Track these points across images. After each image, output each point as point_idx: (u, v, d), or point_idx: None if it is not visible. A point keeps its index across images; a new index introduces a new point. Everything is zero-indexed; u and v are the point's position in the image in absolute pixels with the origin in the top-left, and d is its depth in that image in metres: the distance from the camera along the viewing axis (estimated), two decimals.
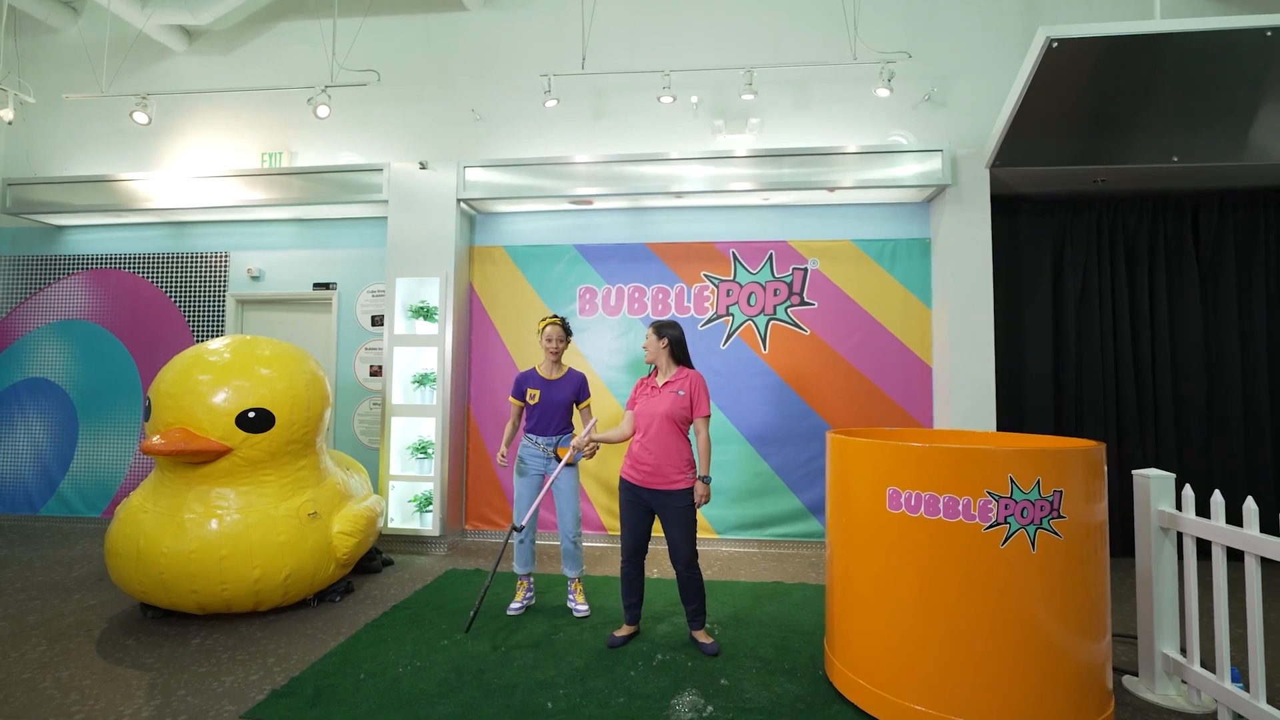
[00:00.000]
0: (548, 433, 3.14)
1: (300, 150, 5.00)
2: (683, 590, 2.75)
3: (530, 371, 3.23)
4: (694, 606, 2.75)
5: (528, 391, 3.16)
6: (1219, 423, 4.26)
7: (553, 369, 3.21)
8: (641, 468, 2.70)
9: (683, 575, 2.71)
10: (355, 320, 4.95)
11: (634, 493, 2.73)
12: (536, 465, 3.14)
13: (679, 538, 2.67)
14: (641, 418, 2.74)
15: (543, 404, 3.13)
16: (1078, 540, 1.97)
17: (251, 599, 2.93)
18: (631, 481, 2.72)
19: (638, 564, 2.79)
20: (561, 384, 3.19)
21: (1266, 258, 4.29)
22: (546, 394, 3.15)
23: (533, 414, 3.14)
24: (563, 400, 3.16)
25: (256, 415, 2.96)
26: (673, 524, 2.68)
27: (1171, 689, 2.33)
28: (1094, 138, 3.90)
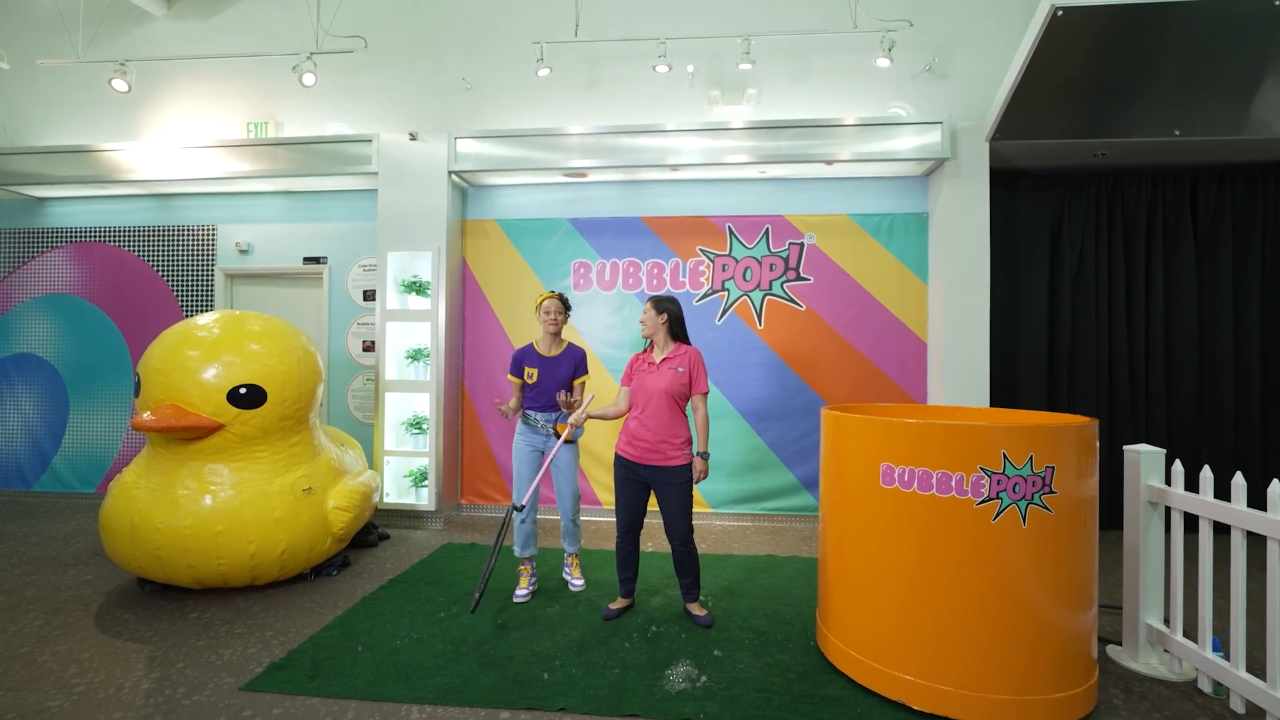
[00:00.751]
0: (547, 410, 3.10)
1: (286, 120, 4.88)
2: (678, 564, 2.77)
3: (528, 349, 3.14)
4: (688, 580, 2.78)
5: (525, 370, 3.08)
6: (1208, 399, 4.29)
7: (552, 345, 3.12)
8: (639, 444, 2.70)
9: (679, 550, 2.74)
10: (347, 295, 4.89)
11: (630, 469, 2.73)
12: (535, 442, 3.10)
13: (676, 513, 2.69)
14: (639, 394, 2.73)
15: (541, 382, 3.07)
16: (1068, 515, 1.99)
17: (248, 573, 2.94)
18: (628, 458, 2.73)
19: (633, 540, 2.82)
20: (560, 361, 3.12)
21: (1263, 233, 4.28)
22: (545, 372, 3.09)
23: (531, 392, 3.08)
24: (562, 378, 3.10)
25: (248, 391, 2.94)
26: (670, 500, 2.69)
27: (1154, 658, 2.39)
28: (1095, 110, 3.84)
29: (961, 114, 4.25)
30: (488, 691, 2.19)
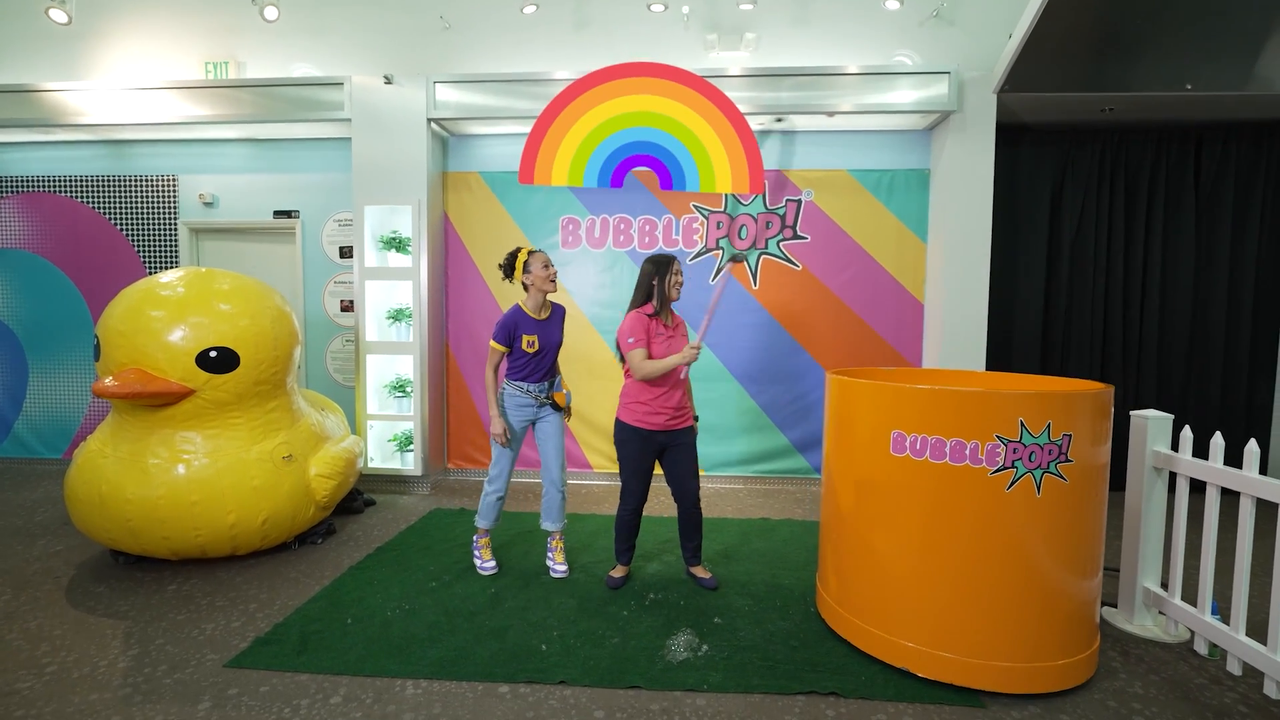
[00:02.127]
0: (542, 379, 2.83)
1: (249, 60, 4.51)
2: (689, 527, 2.74)
3: (517, 313, 2.76)
4: (696, 542, 2.77)
5: (524, 339, 2.73)
6: (1199, 360, 4.31)
7: (543, 307, 2.83)
8: (666, 413, 2.62)
9: (691, 511, 2.72)
10: (322, 251, 4.64)
11: (649, 440, 2.63)
12: (528, 415, 2.86)
13: (690, 474, 2.68)
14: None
15: (540, 351, 2.77)
16: (1081, 483, 1.95)
17: (228, 543, 2.83)
18: (651, 429, 2.61)
19: (641, 510, 2.75)
20: (553, 324, 2.85)
21: (1264, 193, 4.22)
22: (545, 339, 2.79)
23: (527, 363, 2.77)
24: (558, 342, 2.85)
25: (219, 354, 2.75)
26: (683, 461, 2.67)
27: (1149, 620, 2.41)
28: (1108, 62, 3.69)
29: (969, 64, 4.05)
30: (485, 665, 2.13)
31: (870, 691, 1.99)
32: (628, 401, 2.66)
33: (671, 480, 2.69)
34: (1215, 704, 1.95)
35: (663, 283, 2.63)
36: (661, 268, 2.65)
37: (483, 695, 1.98)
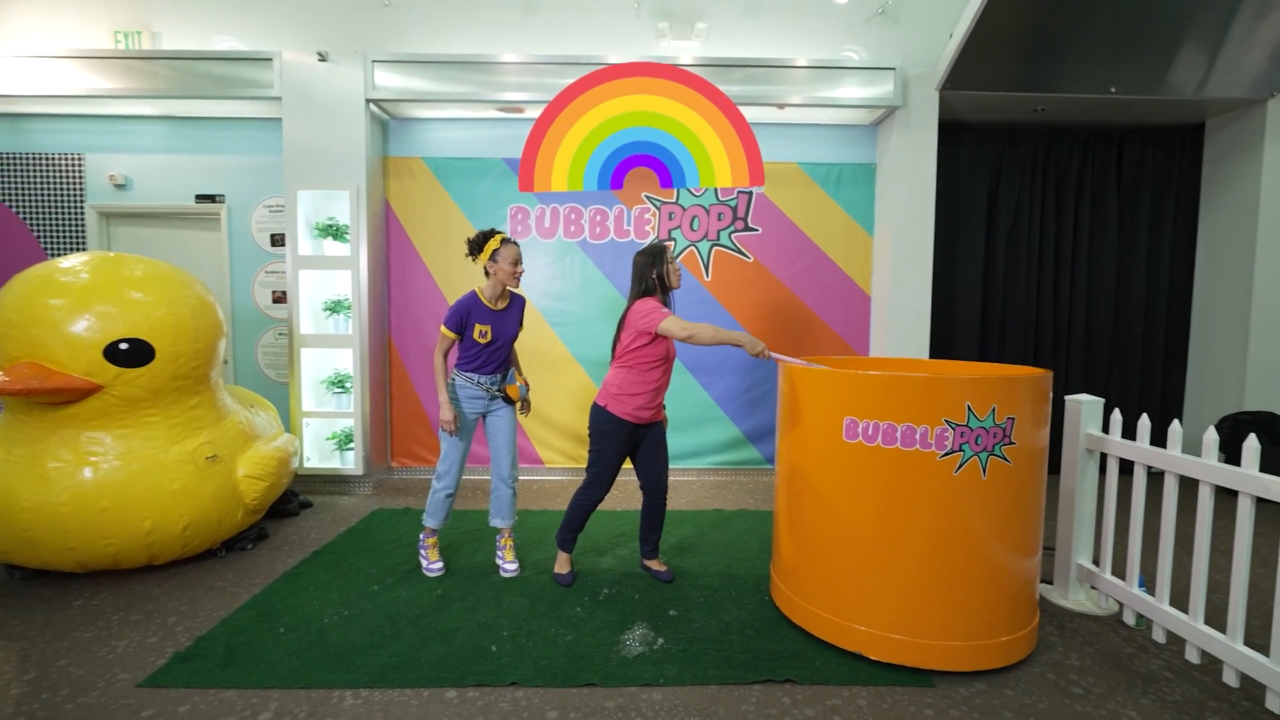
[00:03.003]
0: (494, 370, 2.70)
1: (164, 31, 4.16)
2: (655, 520, 2.70)
3: (472, 300, 2.62)
4: (658, 535, 2.75)
5: (477, 328, 2.60)
6: (1120, 349, 4.58)
7: (500, 297, 2.68)
8: (657, 407, 2.58)
9: (660, 503, 2.68)
10: (251, 239, 4.35)
11: (634, 434, 2.56)
12: (478, 409, 2.73)
13: (664, 464, 2.66)
14: (669, 361, 2.56)
15: (495, 340, 2.65)
16: (1024, 465, 2.01)
17: (145, 553, 2.60)
18: (639, 423, 2.54)
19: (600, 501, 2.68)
20: (510, 314, 2.71)
21: (1177, 195, 4.51)
22: (499, 328, 2.65)
23: (478, 353, 2.64)
24: (513, 334, 2.72)
25: (131, 346, 2.52)
26: (661, 450, 2.64)
27: (1082, 595, 2.52)
28: (1042, 63, 3.85)
29: (913, 61, 4.15)
30: (431, 669, 2.03)
31: (825, 677, 2.00)
32: (620, 393, 2.49)
33: (644, 471, 2.63)
34: (1143, 671, 2.05)
35: (663, 271, 2.50)
36: (657, 257, 2.50)
37: (428, 701, 1.87)
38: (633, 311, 2.47)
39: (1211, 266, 4.40)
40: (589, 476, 2.61)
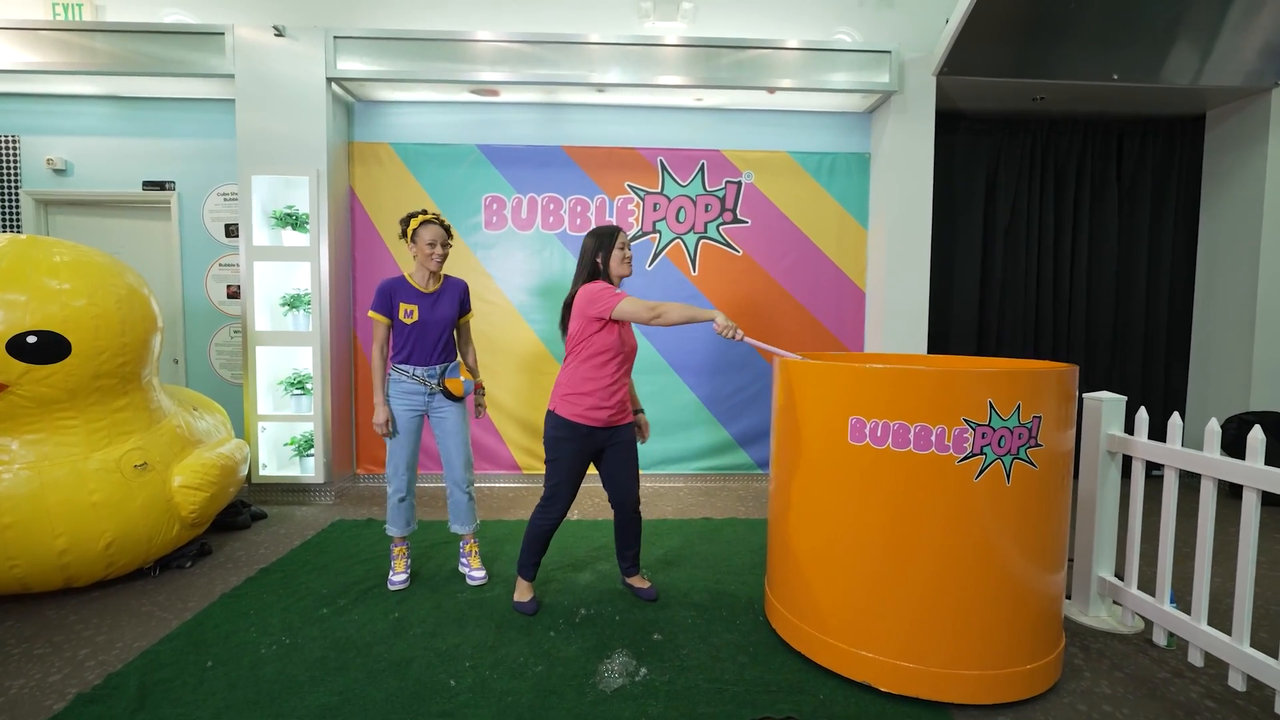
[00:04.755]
0: (429, 361, 2.48)
1: (108, 4, 3.85)
2: (629, 535, 2.44)
3: (398, 279, 2.46)
4: (636, 550, 2.48)
5: (401, 307, 2.42)
6: (1121, 344, 4.42)
7: (430, 280, 2.50)
8: (614, 407, 2.25)
9: (632, 517, 2.41)
10: (204, 229, 4.04)
11: (590, 439, 2.25)
12: (417, 405, 2.50)
13: (632, 474, 2.36)
14: (620, 351, 2.23)
15: (421, 324, 2.43)
16: (1050, 470, 1.79)
17: (59, 575, 2.29)
18: (594, 425, 2.23)
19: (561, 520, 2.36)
20: (443, 298, 2.50)
21: (1177, 186, 4.37)
22: (427, 312, 2.45)
23: (406, 340, 2.44)
24: (447, 317, 2.49)
25: (40, 340, 2.22)
26: (627, 459, 2.34)
27: (1104, 611, 2.31)
28: (1042, 48, 3.68)
29: (908, 46, 3.96)
30: (378, 709, 1.75)
31: (830, 712, 1.76)
32: (568, 392, 2.23)
33: (610, 483, 2.35)
34: (1182, 699, 1.83)
35: (608, 258, 2.23)
36: (605, 240, 2.24)
37: None
38: (580, 296, 2.19)
39: (1214, 262, 4.26)
40: (546, 491, 2.29)
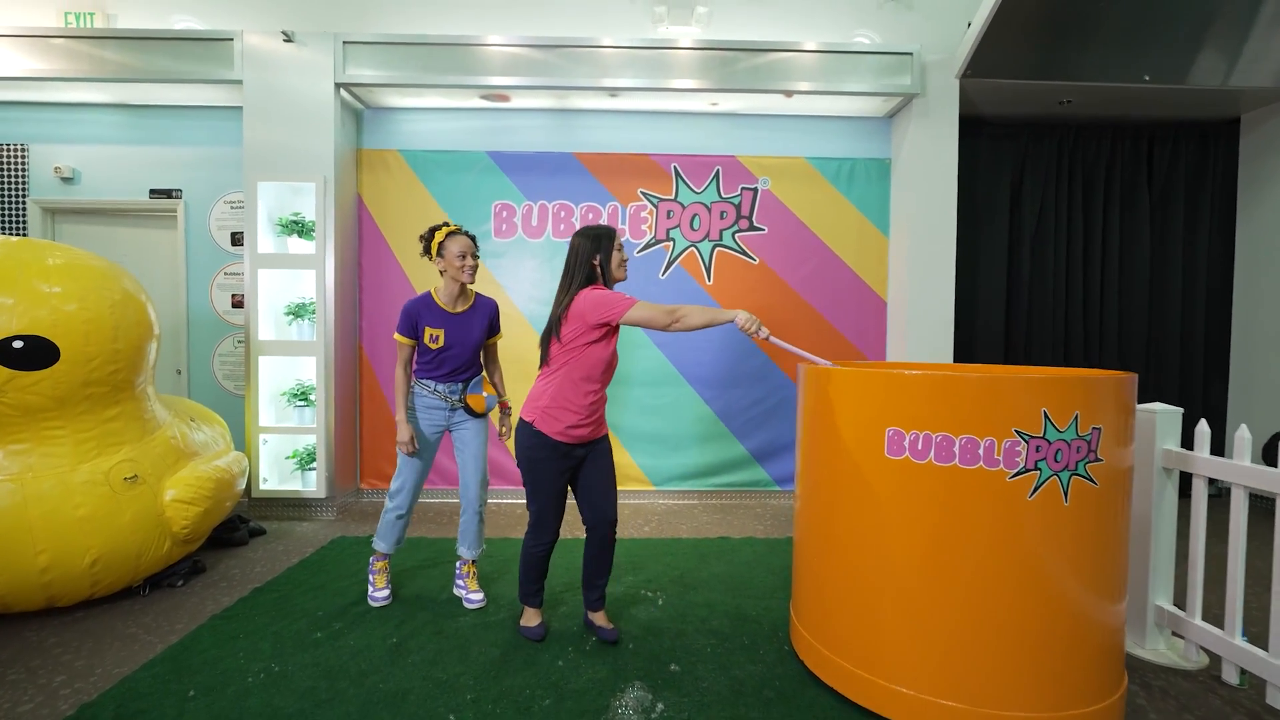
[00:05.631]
0: (453, 379, 2.38)
1: (119, 12, 3.83)
2: (602, 563, 2.17)
3: (424, 300, 2.34)
4: (604, 581, 2.21)
5: (427, 332, 2.31)
6: (1156, 354, 4.22)
7: (459, 298, 2.37)
8: (592, 421, 2.07)
9: (608, 538, 2.14)
10: (210, 238, 3.98)
11: (569, 456, 2.08)
12: (437, 421, 2.39)
13: (609, 488, 2.13)
14: (605, 362, 2.05)
15: (449, 346, 2.33)
16: (1112, 488, 1.62)
17: (41, 594, 2.17)
18: (573, 442, 2.06)
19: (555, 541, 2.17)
20: (472, 317, 2.38)
21: (1212, 191, 4.20)
22: (455, 334, 2.33)
23: (432, 358, 2.35)
24: (474, 341, 2.38)
25: (27, 345, 2.12)
26: (603, 472, 2.13)
27: (1162, 643, 2.12)
28: (1071, 49, 3.56)
29: (929, 48, 3.85)
30: None
31: None
32: (548, 405, 2.02)
33: (584, 499, 2.13)
34: None
35: (607, 260, 2.05)
36: (601, 242, 2.04)
37: None
38: (581, 299, 1.97)
39: (1253, 270, 4.07)
40: (531, 516, 2.11)
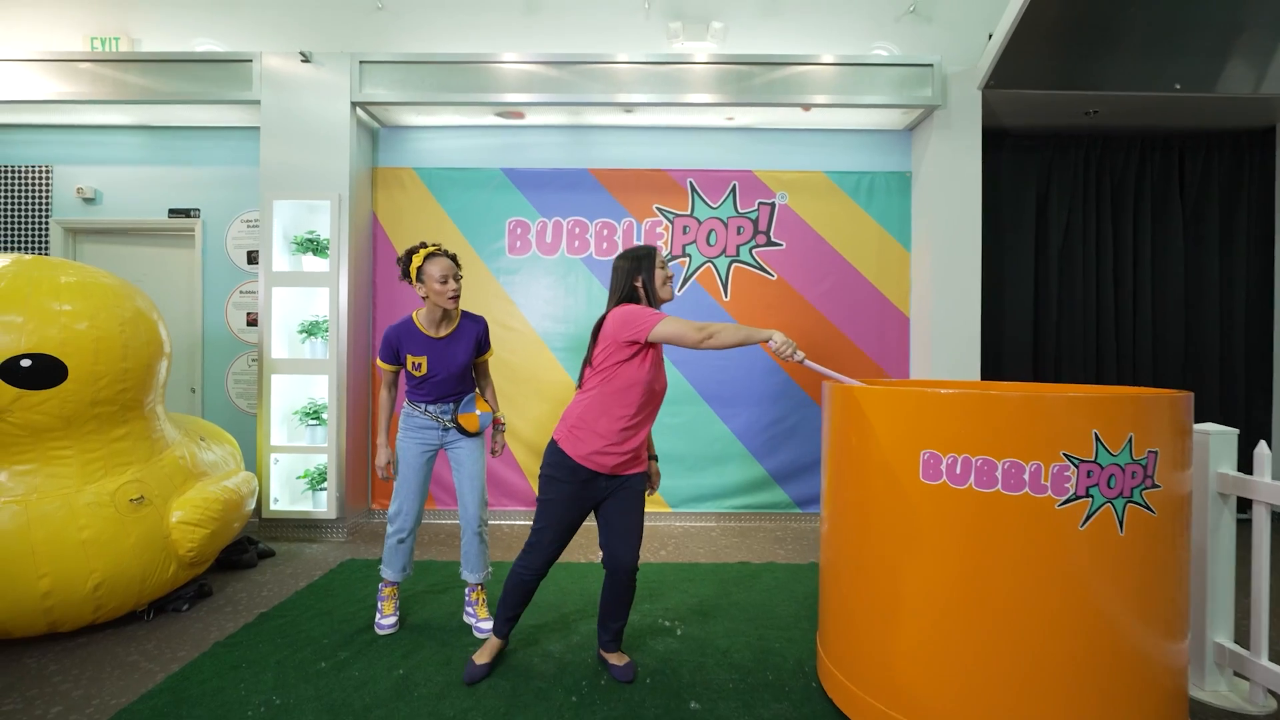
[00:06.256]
0: (441, 400, 2.32)
1: (144, 37, 3.90)
2: (616, 605, 2.04)
3: (405, 325, 2.26)
4: (621, 624, 2.07)
5: (409, 360, 2.25)
6: (1195, 371, 4.05)
7: (442, 322, 2.27)
8: (628, 454, 1.94)
9: (624, 583, 2.00)
10: (226, 257, 3.99)
11: (591, 485, 1.95)
12: (429, 441, 2.33)
13: (633, 531, 1.98)
14: (647, 392, 1.92)
15: (433, 373, 2.25)
16: (1170, 517, 1.50)
17: (42, 619, 2.11)
18: (599, 470, 1.93)
19: (546, 572, 2.03)
20: (457, 341, 2.28)
21: (1249, 202, 4.05)
22: (437, 360, 2.24)
23: (419, 382, 2.29)
24: (460, 362, 2.29)
25: (35, 364, 2.09)
26: (628, 514, 1.97)
27: (1223, 684, 1.96)
28: (1097, 57, 3.47)
29: (949, 60, 3.78)
30: None
31: None
32: (578, 425, 1.93)
33: (605, 539, 1.99)
34: None
35: (650, 279, 1.95)
36: (645, 262, 1.97)
37: None
38: (612, 318, 1.90)
39: None
40: (530, 534, 1.99)
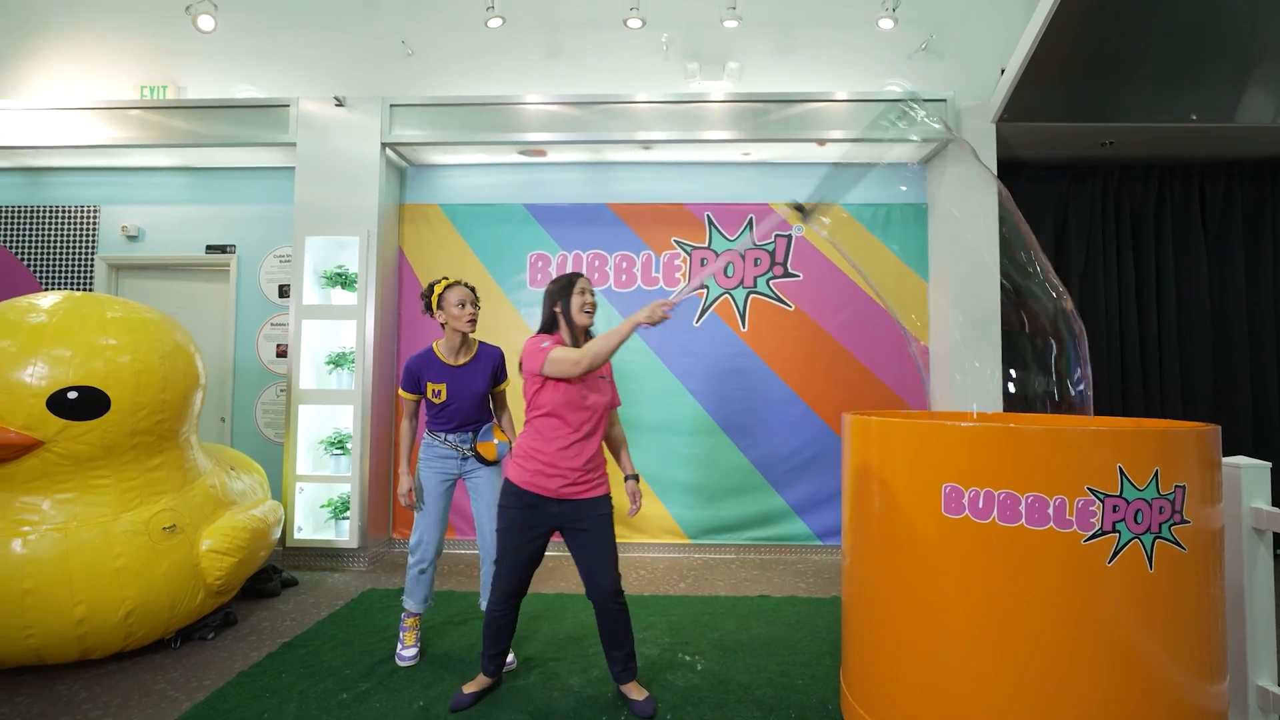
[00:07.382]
0: (461, 429, 2.39)
1: (189, 85, 4.13)
2: (611, 632, 2.01)
3: (426, 355, 2.38)
4: (626, 651, 2.04)
5: (429, 387, 2.34)
6: (1225, 400, 3.96)
7: (460, 350, 2.39)
8: (570, 474, 1.94)
9: (611, 609, 1.98)
10: (259, 291, 4.13)
11: (538, 510, 1.95)
12: (449, 470, 2.40)
13: (604, 556, 1.97)
14: (572, 411, 1.94)
15: (452, 400, 2.34)
16: (1202, 553, 1.47)
17: (76, 646, 2.16)
18: (543, 494, 1.94)
19: (516, 605, 2.05)
20: (474, 369, 2.38)
21: (1275, 229, 4.01)
22: (457, 388, 2.35)
23: (439, 411, 2.37)
24: (479, 391, 2.38)
25: (81, 396, 2.18)
26: (595, 540, 1.97)
27: None
28: (1110, 90, 3.50)
29: (962, 95, 3.85)
30: None
31: None
32: (519, 453, 2.00)
33: (580, 570, 2.00)
34: None
35: (567, 306, 1.99)
36: (563, 289, 2.02)
37: None
38: (524, 347, 1.99)
39: None
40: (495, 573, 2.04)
